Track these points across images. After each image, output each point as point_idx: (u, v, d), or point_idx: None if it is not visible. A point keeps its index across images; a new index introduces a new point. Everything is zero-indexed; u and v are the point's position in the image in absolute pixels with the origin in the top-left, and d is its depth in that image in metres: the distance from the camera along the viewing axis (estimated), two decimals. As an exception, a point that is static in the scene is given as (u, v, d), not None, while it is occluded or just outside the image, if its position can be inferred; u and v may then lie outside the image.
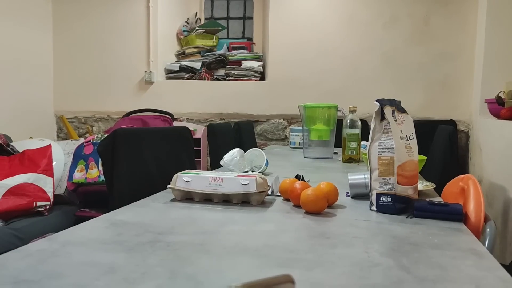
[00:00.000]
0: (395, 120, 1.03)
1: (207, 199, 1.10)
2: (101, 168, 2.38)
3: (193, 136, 3.20)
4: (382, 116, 1.04)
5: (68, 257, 0.68)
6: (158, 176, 1.34)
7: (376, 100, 1.04)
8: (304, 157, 2.18)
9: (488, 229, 0.92)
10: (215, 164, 1.73)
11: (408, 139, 1.04)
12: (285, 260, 0.68)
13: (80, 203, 2.48)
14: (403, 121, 1.06)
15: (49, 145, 2.41)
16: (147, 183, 1.32)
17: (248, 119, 3.39)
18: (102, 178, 2.37)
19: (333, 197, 1.06)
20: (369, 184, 1.06)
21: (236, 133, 2.23)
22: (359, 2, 3.21)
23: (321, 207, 0.99)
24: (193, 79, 3.52)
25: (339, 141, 2.20)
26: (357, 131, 1.99)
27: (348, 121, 2.00)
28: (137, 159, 1.30)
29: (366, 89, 3.24)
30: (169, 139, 1.44)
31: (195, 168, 1.54)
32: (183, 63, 3.53)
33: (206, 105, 3.48)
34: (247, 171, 1.54)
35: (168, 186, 1.12)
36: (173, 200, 1.12)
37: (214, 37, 3.65)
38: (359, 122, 2.01)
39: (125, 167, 1.26)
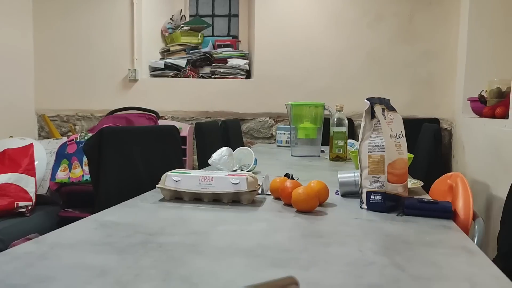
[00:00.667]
0: (385, 119, 1.04)
1: (196, 198, 1.09)
2: (85, 167, 2.34)
3: (179, 135, 3.19)
4: (372, 114, 1.04)
5: (57, 259, 0.66)
6: (146, 175, 1.32)
7: (366, 99, 1.04)
8: (292, 155, 2.18)
9: (476, 226, 0.93)
10: (203, 163, 1.72)
11: (398, 137, 1.05)
12: (280, 260, 0.68)
13: (63, 203, 2.43)
14: (393, 119, 1.06)
15: (31, 144, 2.36)
16: (134, 183, 1.30)
17: (234, 118, 3.38)
18: (86, 177, 2.33)
19: (324, 196, 1.06)
20: (359, 182, 1.06)
21: (223, 132, 2.22)
22: (345, 1, 3.23)
23: (313, 205, 0.98)
24: (178, 77, 3.48)
25: (325, 139, 2.21)
26: (344, 129, 2.00)
27: (335, 119, 2.01)
28: (124, 158, 1.27)
29: (352, 87, 3.26)
30: (157, 138, 1.42)
31: (183, 167, 1.52)
32: (167, 60, 3.49)
33: (192, 103, 3.45)
34: (235, 170, 1.53)
35: (157, 185, 1.11)
36: (162, 200, 1.10)
37: (199, 34, 3.62)
38: (346, 121, 2.02)
39: (112, 166, 1.24)
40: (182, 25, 3.55)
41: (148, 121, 2.86)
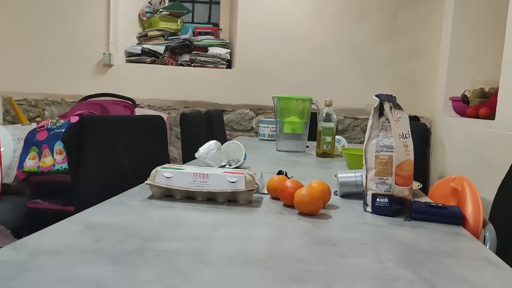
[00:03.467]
0: (393, 117, 0.98)
1: (189, 197, 1.00)
2: (56, 156, 2.19)
3: (155, 124, 3.06)
4: (380, 112, 0.98)
5: (43, 271, 0.57)
6: (130, 169, 1.22)
7: (376, 95, 0.98)
8: (277, 150, 2.12)
9: (487, 233, 0.89)
10: (188, 156, 1.63)
11: (405, 137, 1.00)
12: (297, 273, 0.61)
13: (31, 194, 2.28)
14: (399, 118, 1.01)
15: (-3, 130, 2.18)
16: (118, 177, 1.20)
17: (214, 108, 3.28)
18: (57, 167, 2.18)
19: (327, 197, 1.00)
20: (364, 184, 1.01)
21: (207, 123, 2.12)
22: (330, -6, 3.18)
23: (317, 208, 0.92)
24: (156, 64, 3.34)
25: (311, 135, 2.16)
26: (333, 125, 1.95)
27: (324, 114, 1.95)
28: (107, 150, 1.17)
29: (335, 82, 3.22)
30: (142, 128, 1.32)
31: (168, 161, 1.43)
32: (145, 46, 3.34)
33: (170, 92, 3.32)
34: (224, 165, 1.45)
35: (146, 182, 1.01)
36: (151, 197, 1.01)
37: (179, 20, 3.48)
38: (335, 116, 1.97)
39: (93, 158, 1.13)
40: (161, 10, 3.40)
41: (124, 109, 2.72)
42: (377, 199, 0.96)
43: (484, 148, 2.06)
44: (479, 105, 2.35)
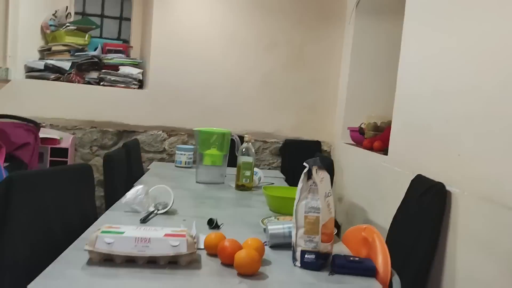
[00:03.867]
0: (318, 179, 1.12)
1: (129, 260, 1.02)
2: None
3: (59, 146, 2.89)
4: (309, 176, 1.11)
5: None
6: (59, 226, 1.18)
7: (305, 162, 1.11)
8: (196, 182, 2.17)
9: (394, 282, 1.07)
10: (111, 200, 1.60)
11: (327, 195, 1.14)
12: None
13: None
14: (323, 178, 1.15)
15: None
16: (46, 236, 1.15)
17: (124, 129, 3.20)
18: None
19: (262, 254, 1.09)
20: (293, 240, 1.13)
21: (125, 156, 2.09)
22: (243, 23, 3.32)
23: (256, 269, 1.01)
24: (61, 81, 3.15)
25: (230, 161, 2.24)
26: (251, 159, 2.07)
27: (244, 149, 2.06)
28: (35, 208, 1.12)
29: (246, 107, 3.37)
30: (69, 180, 1.27)
31: (95, 213, 1.40)
32: (48, 61, 3.13)
33: (75, 111, 3.15)
34: (153, 211, 1.47)
35: (85, 248, 1.00)
36: (89, 263, 1.00)
37: (87, 35, 3.32)
38: (253, 151, 2.09)
39: (20, 219, 1.08)
40: (67, 24, 3.22)
41: (27, 133, 2.53)
42: (306, 255, 1.09)
43: (378, 179, 2.36)
44: (373, 137, 2.67)
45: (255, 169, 2.24)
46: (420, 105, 1.92)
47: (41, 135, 2.72)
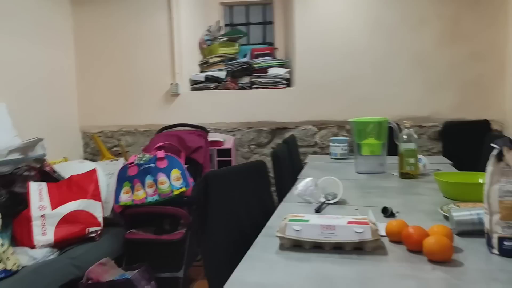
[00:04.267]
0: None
1: (316, 246, 1.08)
2: (148, 189, 2.35)
3: (222, 147, 3.19)
4: (499, 158, 1.02)
5: None
6: (247, 220, 1.32)
7: (493, 143, 1.02)
8: (356, 172, 2.16)
9: None
10: (282, 194, 1.71)
11: (524, 179, 1.02)
12: None
13: (125, 224, 2.46)
14: (516, 159, 1.04)
15: (94, 170, 2.38)
16: (236, 227, 1.30)
17: (277, 127, 3.37)
18: (150, 199, 2.35)
19: (452, 240, 1.04)
20: (487, 226, 1.05)
21: (287, 150, 2.21)
22: (385, 5, 3.18)
23: (449, 256, 0.97)
24: (219, 89, 3.48)
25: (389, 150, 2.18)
26: (414, 146, 1.98)
27: (405, 136, 1.98)
28: (229, 204, 1.27)
29: (396, 92, 3.22)
30: (250, 177, 1.42)
31: (274, 206, 1.51)
32: (208, 73, 3.49)
33: (233, 115, 3.44)
34: (324, 201, 1.52)
35: (277, 234, 1.10)
36: (282, 248, 1.10)
37: (236, 44, 3.60)
38: (416, 137, 1.99)
39: (217, 211, 1.24)
40: (220, 36, 3.54)
41: (199, 138, 2.87)
42: (504, 242, 1.00)
43: None
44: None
45: (419, 156, 2.13)
46: None
47: (208, 139, 3.05)
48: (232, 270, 0.94)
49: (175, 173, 2.39)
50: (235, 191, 1.31)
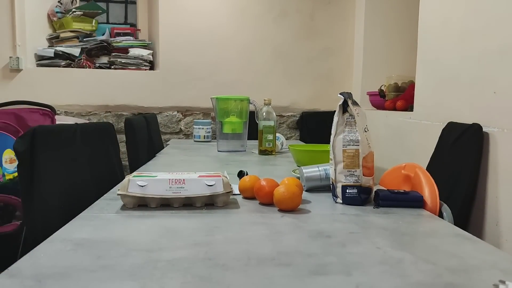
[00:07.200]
0: (355, 113, 1.06)
1: (164, 204, 0.98)
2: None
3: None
4: (344, 109, 1.05)
5: (62, 298, 0.52)
6: (88, 180, 1.14)
7: (340, 93, 1.05)
8: (218, 151, 2.12)
9: (445, 213, 1.01)
10: (135, 162, 1.56)
11: (365, 130, 1.08)
12: (314, 266, 0.64)
13: None
14: (358, 113, 1.09)
15: None
16: (74, 189, 1.11)
17: (139, 112, 3.17)
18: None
19: (301, 190, 1.04)
20: (332, 177, 1.07)
21: (146, 124, 2.04)
22: (250, -5, 3.25)
23: (297, 203, 0.96)
24: (72, 67, 3.12)
25: (249, 134, 2.20)
26: (273, 123, 2.01)
27: (264, 113, 2.01)
28: (61, 161, 1.08)
29: (259, 81, 3.30)
30: (94, 138, 1.23)
31: (122, 168, 1.36)
32: (58, 48, 3.10)
33: (89, 96, 3.13)
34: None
35: (118, 192, 0.96)
36: (123, 208, 0.96)
37: (94, 21, 3.28)
38: (274, 114, 2.03)
39: (48, 170, 1.04)
40: (74, 10, 3.18)
41: (43, 117, 2.50)
42: (347, 190, 1.03)
43: (404, 137, 2.29)
44: (395, 98, 2.59)
45: (277, 135, 2.19)
46: (446, 49, 1.84)
47: (57, 122, 2.69)
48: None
49: (8, 154, 2.03)
50: (74, 152, 1.12)
